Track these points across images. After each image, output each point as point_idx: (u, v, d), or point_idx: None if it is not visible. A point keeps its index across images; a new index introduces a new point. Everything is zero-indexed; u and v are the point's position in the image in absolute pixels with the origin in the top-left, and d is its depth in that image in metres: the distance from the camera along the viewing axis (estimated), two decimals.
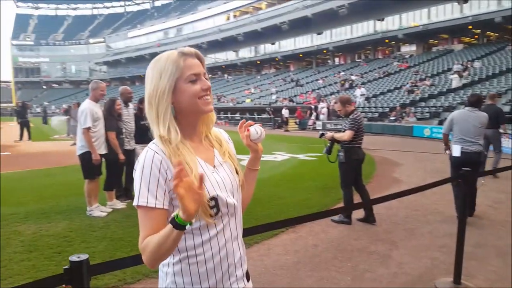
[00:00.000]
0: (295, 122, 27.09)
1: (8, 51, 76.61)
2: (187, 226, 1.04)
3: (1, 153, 12.89)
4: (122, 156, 5.74)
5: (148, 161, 1.16)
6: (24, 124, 18.09)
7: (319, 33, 41.69)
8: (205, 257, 1.21)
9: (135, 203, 1.15)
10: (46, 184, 7.65)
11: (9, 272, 3.51)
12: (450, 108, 19.28)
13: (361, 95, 25.67)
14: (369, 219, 5.16)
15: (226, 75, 54.79)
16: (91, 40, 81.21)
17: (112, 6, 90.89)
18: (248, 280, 1.37)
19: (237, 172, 1.32)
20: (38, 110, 48.65)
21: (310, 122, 25.66)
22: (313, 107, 26.70)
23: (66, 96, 67.74)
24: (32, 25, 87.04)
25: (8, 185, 7.60)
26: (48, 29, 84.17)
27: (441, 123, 18.45)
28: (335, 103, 5.44)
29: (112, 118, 5.78)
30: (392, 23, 35.31)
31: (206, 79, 1.24)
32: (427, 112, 20.72)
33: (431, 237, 4.67)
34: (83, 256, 1.50)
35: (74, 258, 1.49)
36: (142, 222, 1.15)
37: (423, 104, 22.25)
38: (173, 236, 1.05)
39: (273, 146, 14.85)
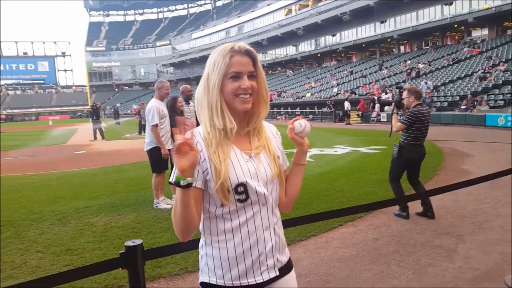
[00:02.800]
0: (358, 115, 26.37)
1: (83, 57, 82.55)
2: (182, 182, 1.14)
3: (78, 152, 14.02)
4: (166, 151, 5.65)
5: None
6: (96, 125, 19.43)
7: (382, 22, 40.03)
8: (234, 242, 1.28)
9: (170, 179, 1.25)
10: (117, 179, 8.17)
11: (82, 260, 3.82)
12: None
13: (427, 88, 24.02)
14: (427, 214, 4.92)
15: (287, 70, 54.69)
16: (157, 43, 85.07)
17: (176, 9, 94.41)
18: (287, 271, 1.39)
19: (276, 166, 1.36)
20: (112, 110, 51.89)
21: (374, 114, 24.84)
22: (376, 98, 25.80)
23: (137, 97, 71.61)
24: (103, 32, 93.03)
25: (83, 180, 8.25)
26: (118, 35, 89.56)
27: None
28: (404, 90, 5.27)
29: (175, 114, 6.05)
30: (461, 6, 32.92)
31: (253, 76, 1.31)
32: (501, 100, 19.21)
33: (502, 231, 4.34)
34: (138, 241, 1.61)
35: (129, 243, 1.60)
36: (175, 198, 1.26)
37: (496, 91, 20.62)
38: (178, 196, 1.18)
39: (333, 139, 14.62)
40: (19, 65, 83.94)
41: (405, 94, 5.10)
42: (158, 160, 5.64)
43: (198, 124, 5.18)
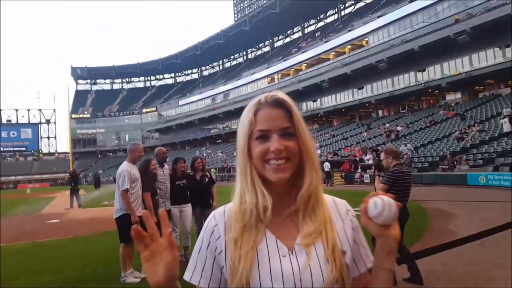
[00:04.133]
0: (341, 176, 26.43)
1: (67, 124, 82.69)
2: None
3: (51, 221, 13.36)
4: (136, 218, 5.27)
5: (203, 229, 1.00)
6: (73, 192, 18.79)
7: (359, 88, 41.74)
8: None
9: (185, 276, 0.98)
10: (87, 250, 7.66)
11: None
12: (505, 153, 18.05)
13: (407, 150, 24.27)
14: (414, 279, 4.58)
15: None
16: (144, 110, 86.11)
17: (163, 78, 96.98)
18: None
19: (335, 266, 0.90)
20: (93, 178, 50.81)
21: (357, 175, 24.92)
22: (358, 159, 26.05)
23: (119, 163, 70.83)
24: (90, 99, 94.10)
25: (51, 253, 7.72)
26: (104, 102, 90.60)
27: (496, 169, 17.25)
28: (382, 151, 5.20)
29: (147, 178, 5.79)
30: (433, 72, 34.65)
31: (290, 134, 0.95)
32: (480, 159, 19.53)
33: None
34: None
35: None
36: None
37: (475, 151, 21.07)
38: None
39: None
40: (2, 133, 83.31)
41: (382, 155, 5.04)
42: (127, 229, 5.24)
43: (172, 191, 4.74)
